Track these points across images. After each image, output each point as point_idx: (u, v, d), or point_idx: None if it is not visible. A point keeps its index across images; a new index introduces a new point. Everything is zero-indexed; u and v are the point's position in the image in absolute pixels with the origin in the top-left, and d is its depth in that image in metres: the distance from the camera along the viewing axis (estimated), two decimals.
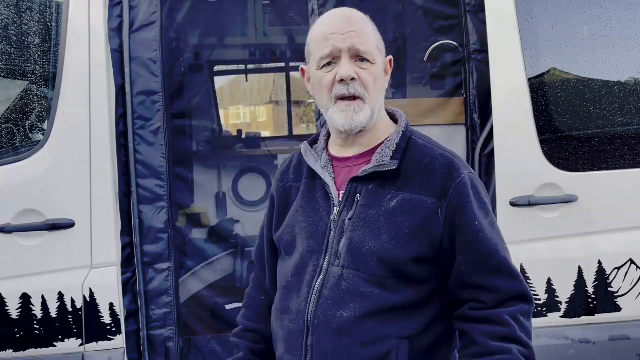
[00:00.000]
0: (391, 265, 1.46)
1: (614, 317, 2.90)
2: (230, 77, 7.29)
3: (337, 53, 1.49)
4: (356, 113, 1.50)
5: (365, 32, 1.51)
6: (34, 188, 2.66)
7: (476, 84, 2.96)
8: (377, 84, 1.52)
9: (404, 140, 1.56)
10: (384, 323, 1.45)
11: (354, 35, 1.48)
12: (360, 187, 1.52)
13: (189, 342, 3.05)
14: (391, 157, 1.52)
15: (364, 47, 1.49)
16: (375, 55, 1.51)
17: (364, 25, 1.53)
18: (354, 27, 1.50)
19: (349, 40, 1.48)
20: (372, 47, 1.51)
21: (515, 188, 2.81)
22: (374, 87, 1.51)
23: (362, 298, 1.46)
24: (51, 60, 2.79)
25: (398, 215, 1.47)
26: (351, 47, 1.48)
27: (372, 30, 1.54)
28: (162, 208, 2.85)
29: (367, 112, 1.51)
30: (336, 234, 1.52)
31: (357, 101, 1.50)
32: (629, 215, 2.88)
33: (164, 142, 2.84)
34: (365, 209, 1.50)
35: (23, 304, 2.67)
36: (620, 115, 2.90)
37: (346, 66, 1.48)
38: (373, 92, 1.51)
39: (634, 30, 2.88)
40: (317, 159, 1.62)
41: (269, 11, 4.18)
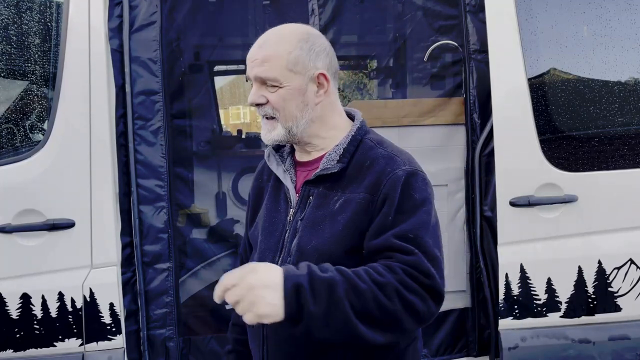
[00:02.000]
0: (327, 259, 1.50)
1: (613, 317, 2.90)
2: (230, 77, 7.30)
3: (252, 79, 1.62)
4: (269, 132, 1.64)
5: (272, 56, 1.57)
6: (34, 188, 2.66)
7: (476, 83, 2.96)
8: (289, 103, 1.58)
9: (352, 144, 1.62)
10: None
11: (258, 63, 1.58)
12: (313, 189, 1.62)
13: (189, 342, 3.05)
14: (337, 161, 1.60)
15: (267, 74, 1.57)
16: (283, 78, 1.57)
17: (273, 49, 1.58)
18: (262, 53, 1.58)
19: (254, 69, 1.59)
20: (278, 71, 1.56)
21: (515, 188, 2.82)
22: (283, 106, 1.58)
23: None
24: (51, 60, 2.79)
25: (338, 215, 1.55)
26: (256, 76, 1.59)
27: (285, 51, 1.57)
28: (162, 208, 2.85)
29: (280, 131, 1.61)
30: (290, 233, 1.63)
31: (271, 121, 1.63)
32: (629, 215, 2.88)
33: (164, 142, 2.84)
34: (314, 210, 1.59)
35: (23, 304, 2.67)
36: (620, 115, 2.90)
37: (252, 93, 1.61)
38: (283, 111, 1.59)
39: (634, 30, 2.89)
40: (280, 163, 1.73)
41: (269, 11, 4.17)
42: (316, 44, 1.61)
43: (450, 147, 3.08)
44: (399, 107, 3.14)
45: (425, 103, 3.13)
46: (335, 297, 1.35)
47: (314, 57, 1.60)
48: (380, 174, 1.55)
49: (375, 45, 4.77)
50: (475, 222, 2.99)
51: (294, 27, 1.65)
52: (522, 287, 2.86)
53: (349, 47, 4.72)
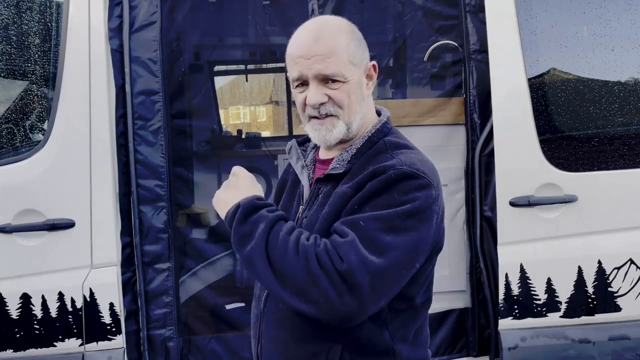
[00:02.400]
0: None
1: (613, 317, 2.90)
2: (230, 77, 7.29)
3: (304, 78, 1.50)
4: (329, 131, 1.52)
5: (333, 51, 1.47)
6: (34, 188, 2.66)
7: (476, 84, 2.96)
8: (352, 98, 1.51)
9: (367, 145, 1.54)
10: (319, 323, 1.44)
11: (319, 59, 1.46)
12: (322, 188, 1.57)
13: (189, 342, 3.05)
14: (348, 161, 1.53)
15: (331, 70, 1.47)
16: (347, 73, 1.48)
17: (333, 43, 1.48)
18: (321, 48, 1.46)
19: (314, 66, 1.47)
20: (342, 66, 1.47)
21: (515, 188, 2.82)
22: (348, 102, 1.50)
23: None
24: (51, 60, 2.79)
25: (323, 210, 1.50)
26: (317, 74, 1.47)
27: (343, 44, 1.48)
28: (162, 208, 2.85)
29: (341, 128, 1.52)
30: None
31: (330, 118, 1.51)
32: (629, 215, 2.88)
33: (164, 142, 2.84)
34: (319, 208, 1.53)
35: (23, 304, 2.67)
36: (620, 115, 2.90)
37: (313, 93, 1.49)
38: (348, 107, 1.50)
39: (634, 30, 2.89)
40: (301, 158, 1.67)
41: (269, 11, 4.17)
42: (360, 34, 1.56)
43: (450, 147, 3.07)
44: (399, 107, 3.14)
45: (425, 103, 3.13)
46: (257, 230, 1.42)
47: (363, 48, 1.54)
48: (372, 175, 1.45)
49: (375, 45, 4.76)
50: (475, 222, 2.99)
51: (336, 20, 1.56)
52: (522, 287, 2.86)
53: None
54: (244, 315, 3.37)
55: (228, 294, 3.63)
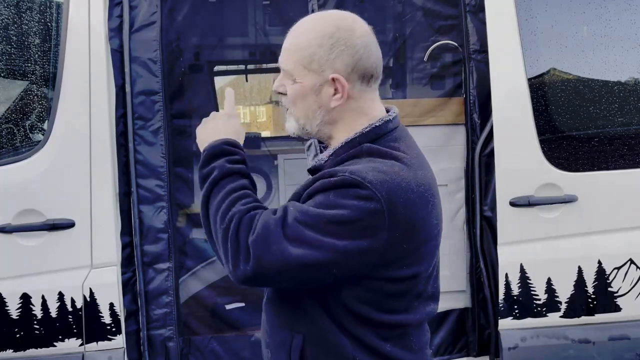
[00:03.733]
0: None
1: (613, 317, 2.90)
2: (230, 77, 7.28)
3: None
4: (287, 121, 1.56)
5: (291, 48, 1.46)
6: (34, 188, 2.66)
7: (476, 84, 2.96)
8: (299, 101, 1.48)
9: (344, 148, 1.47)
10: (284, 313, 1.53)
11: (282, 51, 1.50)
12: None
13: (189, 342, 3.05)
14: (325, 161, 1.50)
15: (284, 65, 1.49)
16: (297, 75, 1.46)
17: (294, 41, 1.47)
18: (286, 41, 1.49)
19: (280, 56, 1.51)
20: (294, 65, 1.46)
21: (515, 188, 2.82)
22: (294, 103, 1.49)
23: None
24: (51, 60, 2.79)
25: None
26: (279, 63, 1.52)
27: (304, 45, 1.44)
28: (162, 208, 2.85)
29: (293, 124, 1.53)
30: None
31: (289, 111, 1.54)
32: (629, 215, 2.88)
33: (164, 142, 2.84)
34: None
35: (23, 304, 2.67)
36: (620, 115, 2.90)
37: (276, 80, 1.54)
38: (295, 107, 1.50)
39: (634, 30, 2.89)
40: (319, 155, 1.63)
41: (269, 11, 4.17)
42: (341, 41, 1.43)
43: (450, 147, 3.07)
44: (398, 107, 3.12)
45: (425, 103, 3.13)
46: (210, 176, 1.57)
47: (333, 56, 1.43)
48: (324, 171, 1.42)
49: None
50: (475, 222, 2.99)
51: (326, 17, 1.50)
52: (522, 287, 2.85)
53: None
54: (244, 315, 3.37)
55: (228, 294, 3.62)
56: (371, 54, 1.49)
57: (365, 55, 1.47)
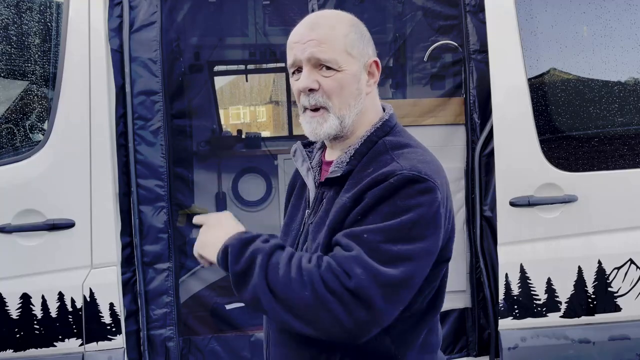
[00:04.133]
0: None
1: (613, 317, 2.90)
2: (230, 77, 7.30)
3: (299, 63, 1.47)
4: (320, 125, 1.47)
5: (330, 38, 1.44)
6: (34, 188, 2.66)
7: (476, 84, 2.96)
8: (345, 90, 1.45)
9: (366, 145, 1.48)
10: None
11: (314, 43, 1.43)
12: (326, 192, 1.51)
13: (189, 342, 3.05)
14: (347, 163, 1.47)
15: (325, 55, 1.43)
16: (342, 61, 1.44)
17: (330, 30, 1.45)
18: (317, 34, 1.44)
19: (308, 49, 1.44)
20: (337, 54, 1.44)
21: (515, 188, 2.82)
22: (339, 94, 1.45)
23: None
24: (51, 60, 2.79)
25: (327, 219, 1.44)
26: (310, 57, 1.44)
27: (342, 33, 1.45)
28: (162, 208, 2.85)
29: (333, 122, 1.47)
30: (303, 235, 1.55)
31: (321, 111, 1.47)
32: (629, 215, 2.88)
33: (164, 142, 2.84)
34: (323, 214, 1.48)
35: (23, 304, 2.67)
36: (620, 115, 2.90)
37: (304, 77, 1.45)
38: (339, 99, 1.45)
39: (634, 30, 2.89)
40: (307, 160, 1.62)
41: (269, 11, 4.17)
42: (364, 32, 1.51)
43: (450, 147, 3.07)
44: (398, 107, 3.12)
45: (425, 103, 3.13)
46: (254, 266, 1.36)
47: (366, 43, 1.50)
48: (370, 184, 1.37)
49: (375, 45, 4.77)
50: (475, 222, 2.99)
51: (339, 12, 1.54)
52: (522, 287, 2.86)
53: None
54: (244, 315, 3.37)
55: (228, 294, 3.62)
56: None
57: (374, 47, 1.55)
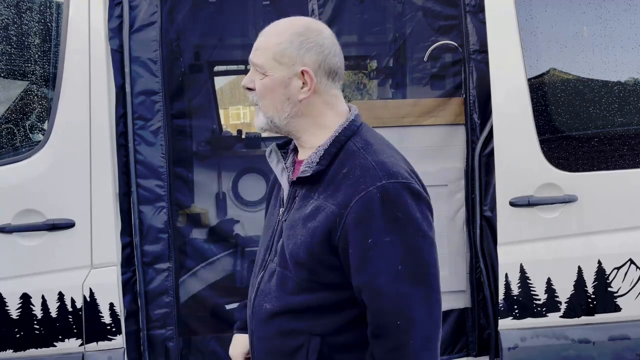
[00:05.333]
0: (304, 267, 1.52)
1: (613, 317, 2.90)
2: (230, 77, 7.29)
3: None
4: (255, 118, 1.64)
5: (264, 45, 1.58)
6: (34, 188, 2.66)
7: (476, 84, 2.96)
8: (270, 94, 1.57)
9: (335, 145, 1.56)
10: (298, 319, 1.55)
11: (254, 48, 1.60)
12: (299, 190, 1.61)
13: (189, 342, 3.05)
14: (317, 163, 1.55)
15: (256, 60, 1.58)
16: (268, 67, 1.56)
17: (267, 38, 1.59)
18: (258, 41, 1.60)
19: (251, 53, 1.60)
20: (266, 59, 1.56)
21: (515, 188, 2.82)
22: (264, 96, 1.58)
23: (282, 294, 1.57)
24: (51, 60, 2.79)
25: (309, 221, 1.52)
26: (250, 60, 1.61)
27: (275, 42, 1.57)
28: (162, 208, 2.85)
29: (262, 119, 1.61)
30: (278, 233, 1.63)
31: (256, 108, 1.63)
32: (629, 215, 2.88)
33: (164, 142, 2.84)
34: (295, 212, 1.58)
35: (23, 304, 2.67)
36: (620, 115, 2.90)
37: (246, 76, 1.62)
38: (265, 100, 1.58)
39: (634, 30, 2.89)
40: (281, 160, 1.71)
41: (269, 11, 4.18)
42: (310, 39, 1.57)
43: (450, 147, 3.08)
44: (399, 107, 3.14)
45: (425, 103, 3.13)
46: None
47: (303, 52, 1.56)
48: (353, 188, 1.46)
49: (375, 45, 4.77)
50: (475, 222, 2.99)
51: (296, 20, 1.64)
52: (522, 287, 2.86)
53: (349, 47, 4.72)
54: (244, 315, 3.37)
55: (228, 294, 3.63)
56: (336, 54, 1.60)
57: (331, 54, 1.59)
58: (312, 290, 1.53)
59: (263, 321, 1.61)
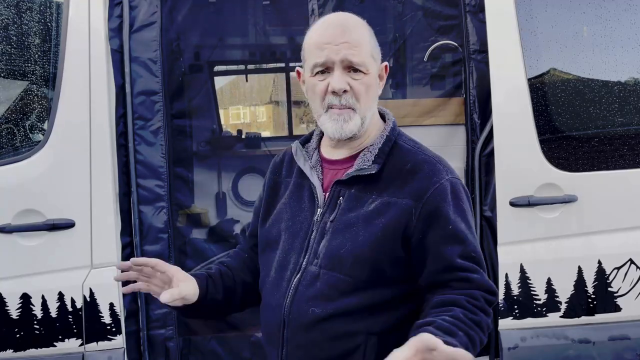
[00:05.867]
0: (366, 266, 1.49)
1: (613, 317, 2.90)
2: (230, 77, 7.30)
3: (330, 64, 1.52)
4: (346, 122, 1.53)
5: (360, 41, 1.52)
6: (34, 188, 2.66)
7: (476, 84, 2.96)
8: (369, 93, 1.54)
9: (387, 144, 1.58)
10: (354, 320, 1.49)
11: (348, 46, 1.49)
12: (344, 190, 1.55)
13: (189, 342, 3.05)
14: (373, 162, 1.54)
15: (357, 59, 1.50)
16: (369, 65, 1.53)
17: (360, 34, 1.53)
18: (349, 37, 1.50)
19: (342, 51, 1.49)
20: (366, 57, 1.52)
21: (515, 188, 2.81)
22: (365, 96, 1.53)
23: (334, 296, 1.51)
24: (51, 60, 2.79)
25: (375, 218, 1.49)
26: (344, 59, 1.50)
27: (367, 38, 1.55)
28: (162, 208, 2.85)
29: (357, 121, 1.54)
30: (317, 234, 1.56)
31: (348, 110, 1.53)
32: (629, 215, 2.88)
33: (164, 142, 2.84)
34: (346, 212, 1.53)
35: (23, 304, 2.67)
36: (620, 115, 2.90)
37: (338, 79, 1.50)
38: (364, 101, 1.53)
39: (634, 30, 2.89)
40: (307, 159, 1.65)
41: (269, 11, 4.17)
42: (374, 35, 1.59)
43: (450, 147, 3.07)
44: (399, 107, 3.14)
45: (425, 103, 3.13)
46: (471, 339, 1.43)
47: (377, 46, 1.58)
48: (426, 181, 1.51)
49: None
50: (475, 222, 2.98)
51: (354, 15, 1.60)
52: (522, 287, 2.86)
53: None
54: (244, 315, 3.36)
55: None
56: None
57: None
58: (367, 289, 1.49)
59: (308, 327, 1.52)
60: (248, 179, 4.73)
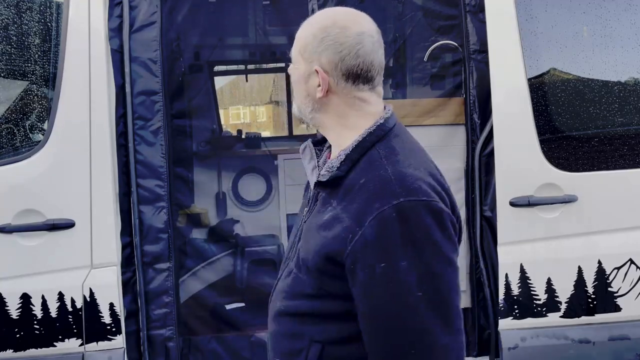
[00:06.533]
0: (311, 274, 1.46)
1: (613, 317, 2.90)
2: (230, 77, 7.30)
3: None
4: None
5: (298, 37, 1.55)
6: (34, 188, 2.66)
7: (476, 84, 2.96)
8: (296, 85, 1.56)
9: (357, 151, 1.44)
10: (301, 322, 1.51)
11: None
12: (321, 193, 1.52)
13: (189, 342, 3.05)
14: (337, 168, 1.44)
15: (291, 52, 1.56)
16: (295, 60, 1.54)
17: (301, 31, 1.55)
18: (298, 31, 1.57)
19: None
20: (294, 53, 1.55)
21: (515, 188, 2.82)
22: (294, 86, 1.57)
23: (292, 295, 1.53)
24: (51, 60, 2.79)
25: (323, 230, 1.43)
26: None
27: (303, 35, 1.52)
28: (162, 208, 2.85)
29: (294, 106, 1.59)
30: (299, 233, 1.59)
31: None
32: (629, 215, 2.88)
33: (164, 142, 2.84)
34: (314, 215, 1.51)
35: (23, 304, 2.67)
36: (620, 115, 2.90)
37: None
38: (295, 91, 1.57)
39: (634, 30, 2.89)
40: (314, 158, 1.64)
41: (269, 11, 4.18)
42: (331, 36, 1.44)
43: (450, 147, 3.08)
44: (399, 107, 3.13)
45: (425, 103, 3.13)
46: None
47: (321, 49, 1.45)
48: (367, 205, 1.34)
49: None
50: (475, 222, 2.99)
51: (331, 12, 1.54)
52: (522, 287, 2.86)
53: None
54: (244, 315, 3.37)
55: (228, 294, 3.63)
56: (361, 54, 1.44)
57: (351, 54, 1.44)
58: (320, 297, 1.47)
59: (273, 318, 1.60)
60: (248, 179, 4.74)
